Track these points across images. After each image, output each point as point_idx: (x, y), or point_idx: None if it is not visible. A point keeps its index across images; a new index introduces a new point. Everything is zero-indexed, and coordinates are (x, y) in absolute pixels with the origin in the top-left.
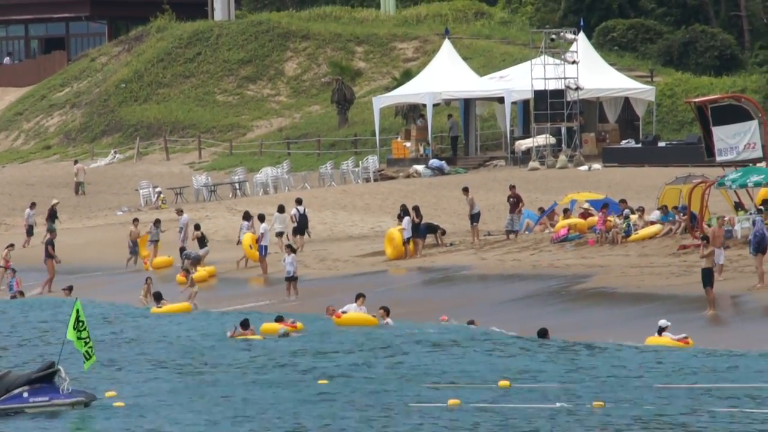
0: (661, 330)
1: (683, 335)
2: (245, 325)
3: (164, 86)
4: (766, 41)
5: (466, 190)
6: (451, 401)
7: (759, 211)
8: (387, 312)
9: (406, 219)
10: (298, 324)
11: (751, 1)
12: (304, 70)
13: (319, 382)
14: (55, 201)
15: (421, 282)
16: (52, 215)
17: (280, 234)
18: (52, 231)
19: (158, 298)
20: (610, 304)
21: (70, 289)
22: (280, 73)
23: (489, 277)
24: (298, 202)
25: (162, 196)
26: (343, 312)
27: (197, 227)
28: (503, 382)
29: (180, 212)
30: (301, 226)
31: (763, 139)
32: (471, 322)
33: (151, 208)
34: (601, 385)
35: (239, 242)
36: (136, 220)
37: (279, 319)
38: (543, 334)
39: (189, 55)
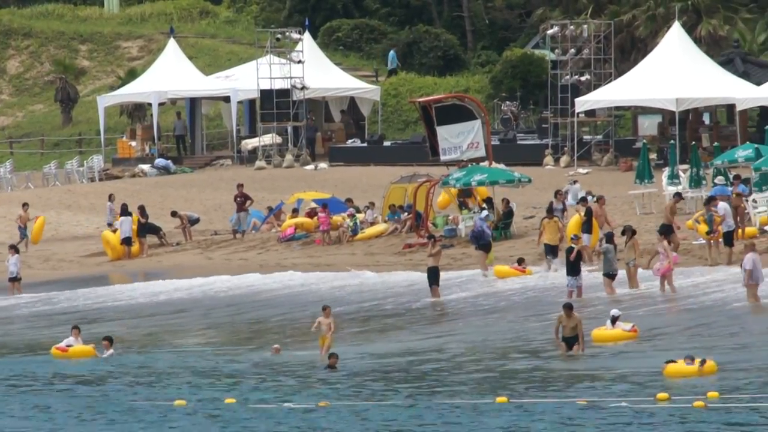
0: (614, 320)
1: (632, 324)
2: None
3: None
4: (488, 42)
5: (174, 213)
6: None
7: (482, 209)
8: (111, 342)
9: (121, 219)
10: None
11: (473, 2)
12: (27, 68)
13: None
14: None
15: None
16: None
17: None
18: None
19: None
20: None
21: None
22: (2, 71)
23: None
24: None
25: None
26: (69, 346)
27: None
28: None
29: None
30: None
31: (486, 139)
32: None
33: None
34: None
35: None
36: (25, 205)
37: None
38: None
39: None
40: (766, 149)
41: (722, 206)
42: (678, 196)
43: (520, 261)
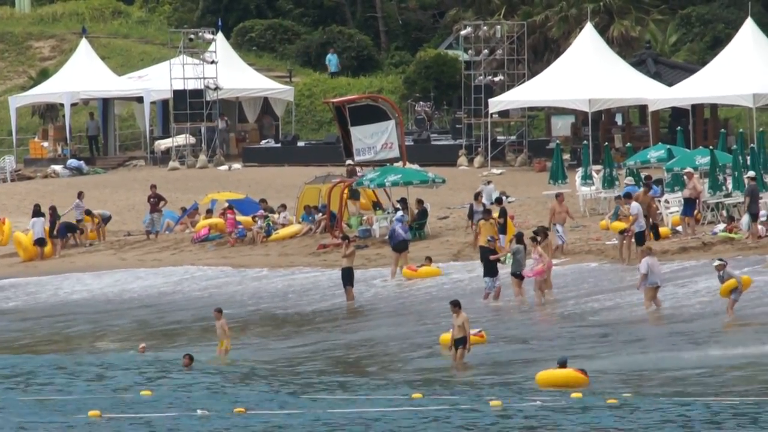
0: None
1: (478, 329)
2: None
3: None
4: (402, 42)
5: (89, 212)
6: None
7: (396, 210)
8: None
9: (33, 219)
10: None
11: (387, 3)
12: None
13: None
14: None
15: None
16: None
17: None
18: None
19: None
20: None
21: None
22: None
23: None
24: None
25: None
26: None
27: None
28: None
29: None
30: None
31: (400, 139)
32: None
33: None
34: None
35: None
36: None
37: None
38: None
39: None
40: (678, 150)
41: (635, 206)
42: (647, 187)
43: (428, 259)
